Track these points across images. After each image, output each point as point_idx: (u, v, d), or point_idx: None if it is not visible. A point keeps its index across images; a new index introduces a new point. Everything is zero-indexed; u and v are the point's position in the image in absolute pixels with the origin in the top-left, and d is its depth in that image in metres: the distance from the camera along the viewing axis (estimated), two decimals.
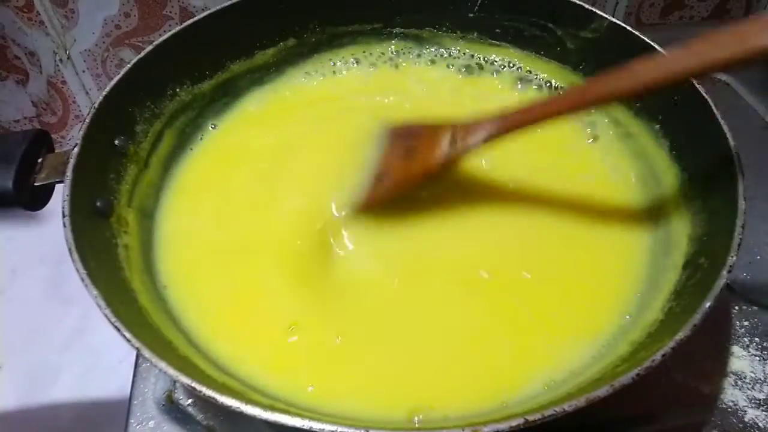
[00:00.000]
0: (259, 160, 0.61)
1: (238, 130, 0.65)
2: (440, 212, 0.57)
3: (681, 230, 0.52)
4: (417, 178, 0.56)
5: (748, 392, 0.53)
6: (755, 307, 0.59)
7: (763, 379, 0.54)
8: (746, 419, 0.52)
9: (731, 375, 0.54)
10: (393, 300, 0.51)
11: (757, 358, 0.55)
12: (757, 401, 0.53)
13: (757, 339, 0.56)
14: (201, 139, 0.64)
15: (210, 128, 0.64)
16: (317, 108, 0.67)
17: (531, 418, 0.36)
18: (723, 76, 0.79)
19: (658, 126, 0.59)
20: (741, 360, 0.55)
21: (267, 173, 0.60)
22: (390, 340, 0.49)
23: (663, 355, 0.39)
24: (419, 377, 0.47)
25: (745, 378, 0.54)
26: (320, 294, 0.52)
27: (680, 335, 0.40)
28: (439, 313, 0.50)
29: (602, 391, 0.38)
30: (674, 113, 0.57)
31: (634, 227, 0.56)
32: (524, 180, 0.59)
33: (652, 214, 0.56)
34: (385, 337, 0.49)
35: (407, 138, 0.58)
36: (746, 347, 0.56)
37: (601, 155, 0.62)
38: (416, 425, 0.44)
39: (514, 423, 0.36)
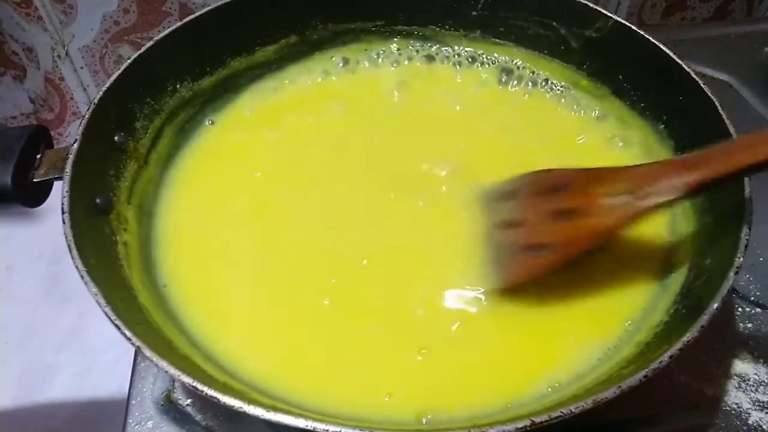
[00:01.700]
0: (260, 157, 0.61)
1: (239, 128, 0.64)
2: (442, 214, 0.57)
3: (686, 231, 0.52)
4: (588, 247, 0.45)
5: (752, 395, 0.53)
6: (758, 310, 0.58)
7: (766, 381, 0.54)
8: (750, 422, 0.52)
9: (735, 377, 0.54)
10: (396, 299, 0.51)
11: (761, 360, 0.55)
12: (761, 404, 0.53)
13: (761, 341, 0.56)
14: (201, 135, 0.63)
15: (210, 125, 0.64)
16: (318, 106, 0.67)
17: (537, 419, 0.36)
18: (724, 76, 0.79)
19: (662, 126, 0.59)
20: (745, 362, 0.55)
21: (268, 171, 0.60)
22: (396, 341, 0.49)
23: (670, 357, 0.39)
24: (427, 378, 0.47)
25: (748, 380, 0.54)
26: (325, 291, 0.51)
27: (687, 336, 0.40)
28: (442, 313, 0.50)
29: (609, 393, 0.37)
30: (679, 113, 0.57)
31: (639, 227, 0.55)
32: None
33: (659, 217, 0.56)
34: (391, 338, 0.49)
35: (554, 193, 0.47)
36: (750, 349, 0.56)
37: (605, 155, 0.62)
38: (424, 426, 0.44)
39: (520, 424, 0.36)
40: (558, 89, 0.67)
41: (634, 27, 0.60)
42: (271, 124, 0.65)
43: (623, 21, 0.61)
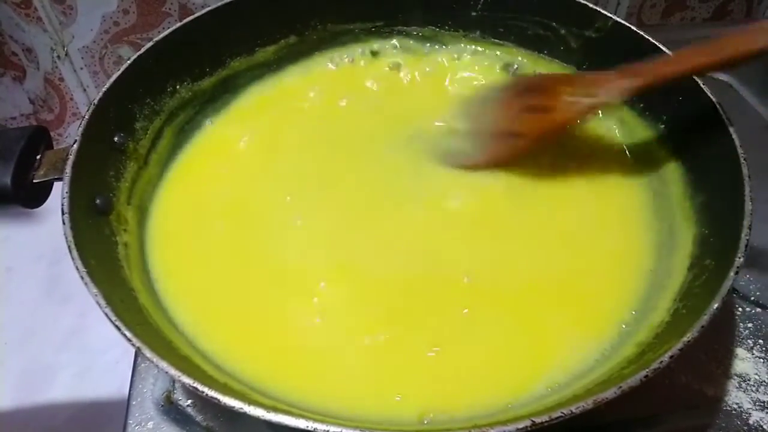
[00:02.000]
0: (260, 158, 0.61)
1: (239, 128, 0.64)
2: (441, 216, 0.57)
3: (686, 231, 0.52)
4: (555, 133, 0.56)
5: (753, 394, 0.53)
6: (759, 309, 0.58)
7: (767, 381, 0.54)
8: (750, 422, 0.52)
9: (735, 377, 0.54)
10: (398, 299, 0.51)
11: (762, 360, 0.55)
12: (762, 403, 0.53)
13: (761, 341, 0.56)
14: (201, 136, 0.63)
15: (210, 126, 0.64)
16: (318, 106, 0.67)
17: (538, 419, 0.36)
18: (724, 77, 0.79)
19: (662, 126, 0.59)
20: (745, 362, 0.55)
21: (268, 171, 0.60)
22: (397, 341, 0.48)
23: (671, 357, 0.39)
24: (427, 379, 0.47)
25: (749, 380, 0.54)
26: (324, 290, 0.51)
27: (688, 336, 0.39)
28: (444, 316, 0.50)
29: (610, 393, 0.37)
30: (679, 113, 0.57)
31: (639, 227, 0.55)
32: (526, 181, 0.59)
33: (658, 214, 0.56)
34: (392, 337, 0.49)
35: (528, 94, 0.58)
36: (750, 349, 0.56)
37: (605, 155, 0.62)
38: (425, 426, 0.44)
39: (521, 425, 0.36)
40: None
41: (633, 27, 0.60)
42: (271, 125, 0.65)
43: (623, 21, 0.61)
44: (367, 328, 0.49)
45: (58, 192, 0.47)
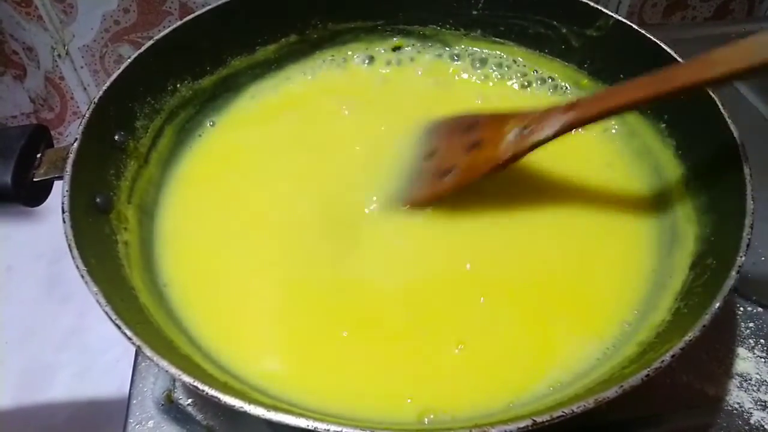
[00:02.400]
0: (260, 156, 0.61)
1: (240, 127, 0.64)
2: (446, 214, 0.56)
3: (688, 230, 0.52)
4: (485, 173, 0.53)
5: (754, 394, 0.53)
6: (760, 309, 0.58)
7: None
8: (752, 421, 0.52)
9: (737, 377, 0.54)
10: (401, 299, 0.51)
11: (763, 359, 0.55)
12: (763, 403, 0.52)
13: (762, 341, 0.56)
14: (201, 135, 0.63)
15: (210, 125, 0.64)
16: (318, 105, 0.67)
17: (539, 419, 0.36)
18: None
19: (664, 125, 0.59)
20: (746, 362, 0.55)
21: (269, 170, 0.60)
22: (398, 341, 0.48)
23: (672, 356, 0.38)
24: (428, 378, 0.47)
25: (750, 380, 0.54)
26: (327, 291, 0.51)
27: (689, 336, 0.39)
28: (446, 314, 0.50)
29: (611, 392, 0.37)
30: (681, 112, 0.57)
31: (641, 227, 0.55)
32: (527, 179, 0.59)
33: (659, 213, 0.56)
34: (393, 337, 0.49)
35: (468, 130, 0.56)
36: (751, 349, 0.56)
37: (607, 154, 0.61)
38: (426, 426, 0.44)
39: (522, 424, 0.36)
40: (559, 88, 0.67)
41: (634, 26, 0.60)
42: (272, 123, 0.65)
43: (624, 20, 0.61)
44: (369, 332, 0.49)
45: (59, 191, 0.47)
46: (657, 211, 0.56)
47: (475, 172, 0.54)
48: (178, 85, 0.61)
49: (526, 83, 0.68)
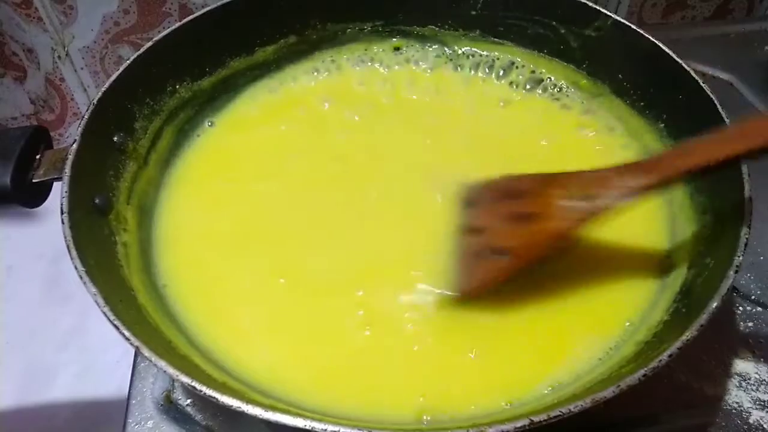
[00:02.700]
0: (259, 158, 0.61)
1: (239, 128, 0.64)
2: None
3: (686, 230, 0.52)
4: (550, 248, 0.46)
5: (753, 394, 0.53)
6: (759, 309, 0.58)
7: (767, 380, 0.54)
8: (751, 421, 0.52)
9: (735, 376, 0.54)
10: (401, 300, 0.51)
11: (762, 359, 0.55)
12: (762, 403, 0.52)
13: (761, 340, 0.56)
14: (200, 136, 0.63)
15: (209, 126, 0.64)
16: (317, 106, 0.67)
17: (536, 418, 0.36)
18: (724, 75, 0.79)
19: (662, 125, 0.59)
20: (745, 361, 0.55)
21: (268, 171, 0.60)
22: (396, 340, 0.48)
23: (669, 356, 0.39)
24: (426, 378, 0.47)
25: (749, 379, 0.54)
26: (327, 292, 0.51)
27: (687, 335, 0.39)
28: (446, 314, 0.50)
29: (608, 392, 0.37)
30: (679, 112, 0.57)
31: (639, 227, 0.55)
32: None
33: (657, 213, 0.56)
34: (392, 336, 0.49)
35: (512, 196, 0.48)
36: (750, 348, 0.56)
37: (605, 154, 0.61)
38: (424, 426, 0.44)
39: (519, 424, 0.36)
40: (558, 88, 0.67)
41: (634, 26, 0.60)
42: (271, 125, 0.65)
43: (623, 20, 0.61)
44: (369, 331, 0.49)
45: (58, 192, 0.47)
46: (655, 211, 0.56)
47: (534, 251, 0.46)
48: (178, 86, 0.61)
49: (525, 83, 0.68)
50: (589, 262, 0.53)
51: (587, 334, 0.49)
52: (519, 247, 0.47)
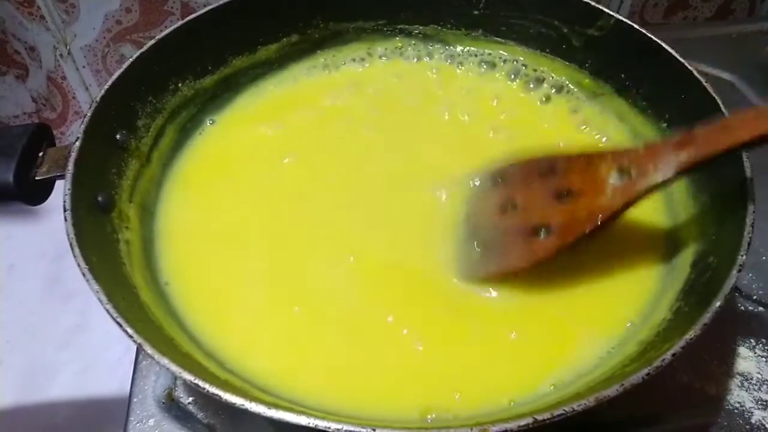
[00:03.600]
0: (261, 156, 0.61)
1: (241, 126, 0.64)
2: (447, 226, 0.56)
3: (690, 229, 0.52)
4: (592, 228, 0.44)
5: (755, 393, 0.53)
6: (761, 308, 0.58)
7: None
8: (753, 420, 0.52)
9: (737, 376, 0.54)
10: (401, 299, 0.51)
11: (764, 359, 0.55)
12: (764, 402, 0.52)
13: (763, 340, 0.56)
14: (203, 134, 0.63)
15: (211, 124, 0.64)
16: (319, 105, 0.67)
17: (540, 417, 0.36)
18: (726, 76, 0.79)
19: (665, 125, 0.59)
20: (747, 361, 0.55)
21: (269, 169, 0.60)
22: (400, 341, 0.48)
23: (673, 355, 0.39)
24: (430, 377, 0.47)
25: (751, 379, 0.54)
26: (330, 290, 0.51)
27: (690, 334, 0.39)
28: (448, 314, 0.50)
29: (612, 391, 0.37)
30: (681, 112, 0.57)
31: (643, 226, 0.55)
32: None
33: (660, 212, 0.56)
34: (393, 336, 0.49)
35: (547, 175, 0.47)
36: (752, 348, 0.56)
37: None
38: (429, 424, 0.44)
39: (522, 422, 0.36)
40: (560, 88, 0.67)
41: (636, 26, 0.60)
42: (273, 123, 0.64)
43: (625, 20, 0.61)
44: (373, 326, 0.49)
45: (60, 189, 0.47)
46: (659, 210, 0.56)
47: (578, 228, 0.45)
48: (180, 85, 0.61)
49: (528, 83, 0.68)
50: (590, 260, 0.53)
51: (590, 333, 0.49)
52: (564, 223, 0.45)
